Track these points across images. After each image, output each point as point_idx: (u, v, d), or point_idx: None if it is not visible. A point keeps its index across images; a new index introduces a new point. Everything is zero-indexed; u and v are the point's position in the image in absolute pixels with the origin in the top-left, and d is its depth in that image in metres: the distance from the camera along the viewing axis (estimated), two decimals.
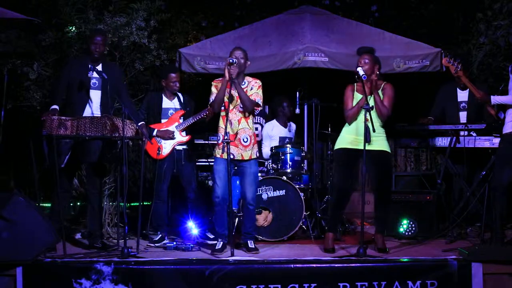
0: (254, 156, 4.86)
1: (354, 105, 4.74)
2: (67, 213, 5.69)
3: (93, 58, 4.96)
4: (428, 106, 5.88)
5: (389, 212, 4.96)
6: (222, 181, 4.72)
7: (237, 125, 4.79)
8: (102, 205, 5.51)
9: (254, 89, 4.82)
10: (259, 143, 6.51)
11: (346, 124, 4.81)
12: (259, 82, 4.86)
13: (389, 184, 4.89)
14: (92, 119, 4.54)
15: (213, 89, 4.84)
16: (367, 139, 4.46)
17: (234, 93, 4.74)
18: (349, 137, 4.75)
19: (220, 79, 4.90)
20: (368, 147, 4.52)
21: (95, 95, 4.94)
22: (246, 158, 4.81)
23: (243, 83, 4.82)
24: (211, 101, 4.82)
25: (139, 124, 4.94)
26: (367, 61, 4.72)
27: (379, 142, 4.67)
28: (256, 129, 6.68)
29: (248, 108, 4.79)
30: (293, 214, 5.44)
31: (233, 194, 4.71)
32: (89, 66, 4.86)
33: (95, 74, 4.90)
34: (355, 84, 4.84)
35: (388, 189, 4.90)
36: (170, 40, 7.07)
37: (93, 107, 4.92)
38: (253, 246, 4.77)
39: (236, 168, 4.93)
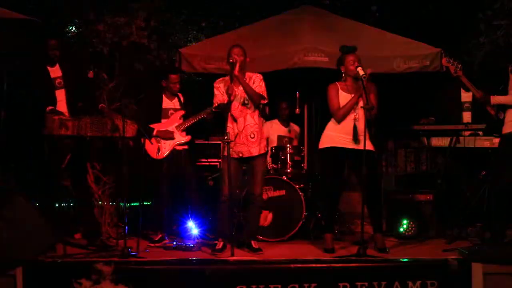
0: (262, 151, 4.84)
1: (343, 104, 4.72)
2: (66, 213, 5.70)
3: (51, 62, 4.91)
4: (428, 106, 5.88)
5: (381, 209, 4.96)
6: (230, 180, 4.71)
7: (243, 121, 4.79)
8: (100, 205, 5.50)
9: (256, 83, 4.81)
10: None
11: (331, 122, 4.80)
12: (260, 76, 4.86)
13: (379, 182, 4.88)
14: (92, 119, 4.54)
15: (216, 92, 4.84)
16: (357, 139, 4.53)
17: (238, 90, 4.74)
18: (335, 136, 4.75)
19: (220, 79, 4.90)
20: (355, 146, 4.58)
21: (60, 94, 4.92)
22: (255, 154, 4.79)
23: (244, 79, 4.82)
24: (216, 104, 4.83)
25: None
26: (352, 58, 4.71)
27: (366, 142, 4.65)
28: None
29: (256, 102, 4.78)
30: (293, 214, 5.43)
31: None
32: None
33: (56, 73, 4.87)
34: (337, 83, 4.82)
35: (377, 187, 4.87)
36: (170, 40, 7.07)
37: (60, 106, 4.89)
38: (257, 247, 4.77)
39: (244, 167, 4.92)
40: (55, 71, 4.89)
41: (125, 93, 6.33)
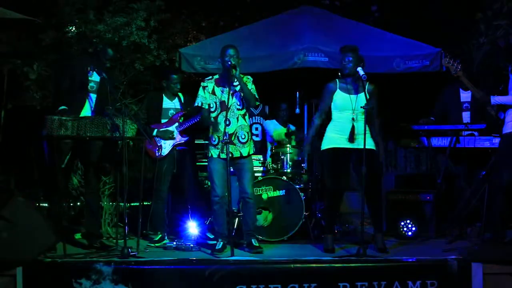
0: (251, 152, 4.87)
1: (340, 103, 4.70)
2: (66, 213, 5.71)
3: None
4: (428, 106, 5.88)
5: (382, 209, 4.95)
6: (221, 180, 4.72)
7: (235, 122, 4.79)
8: (100, 205, 5.51)
9: (248, 85, 4.81)
10: (262, 143, 6.50)
11: (330, 124, 4.81)
12: (250, 78, 4.86)
13: (379, 182, 4.87)
14: (92, 120, 4.54)
15: (201, 92, 4.83)
16: (353, 138, 4.55)
17: (231, 92, 4.74)
18: (335, 136, 4.75)
19: (209, 78, 4.89)
20: (356, 146, 4.57)
21: (90, 99, 4.91)
22: (244, 154, 4.80)
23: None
24: (198, 104, 4.82)
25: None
26: (350, 58, 4.71)
27: (366, 141, 4.63)
28: (256, 128, 6.69)
29: (251, 103, 4.80)
30: (293, 214, 5.43)
31: (232, 194, 4.71)
32: (90, 66, 4.85)
33: (93, 77, 4.87)
34: (338, 81, 4.80)
35: (379, 187, 4.85)
36: (170, 40, 7.07)
37: (87, 111, 4.89)
38: (258, 245, 4.77)
39: (232, 167, 4.93)
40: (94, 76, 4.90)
41: (125, 93, 6.34)
